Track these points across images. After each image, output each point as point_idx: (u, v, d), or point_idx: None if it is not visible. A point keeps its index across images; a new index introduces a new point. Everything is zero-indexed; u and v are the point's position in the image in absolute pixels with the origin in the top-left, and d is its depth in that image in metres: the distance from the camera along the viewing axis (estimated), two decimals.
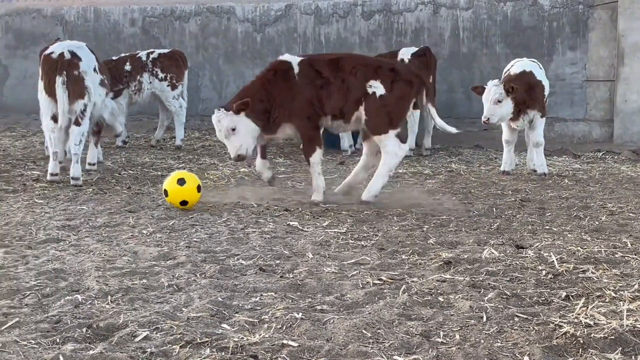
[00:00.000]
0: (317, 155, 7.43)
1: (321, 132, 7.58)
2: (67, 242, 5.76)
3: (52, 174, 8.28)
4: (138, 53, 12.15)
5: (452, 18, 13.28)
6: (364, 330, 3.80)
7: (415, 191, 8.14)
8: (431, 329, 3.87)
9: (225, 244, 5.72)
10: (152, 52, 12.05)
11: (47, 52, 8.34)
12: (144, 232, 6.12)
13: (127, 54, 12.27)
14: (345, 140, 11.51)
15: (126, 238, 5.90)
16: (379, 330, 3.82)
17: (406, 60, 11.45)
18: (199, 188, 7.10)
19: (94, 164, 9.23)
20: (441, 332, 3.83)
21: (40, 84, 8.35)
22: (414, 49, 11.65)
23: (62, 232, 6.05)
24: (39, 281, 4.62)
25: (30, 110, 13.98)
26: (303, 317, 3.98)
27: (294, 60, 7.47)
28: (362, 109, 7.37)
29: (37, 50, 13.68)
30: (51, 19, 16.09)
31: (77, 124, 8.13)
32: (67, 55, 8.12)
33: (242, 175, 9.15)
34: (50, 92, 8.13)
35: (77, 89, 8.12)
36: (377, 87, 7.33)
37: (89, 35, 15.62)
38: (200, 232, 6.15)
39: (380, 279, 4.76)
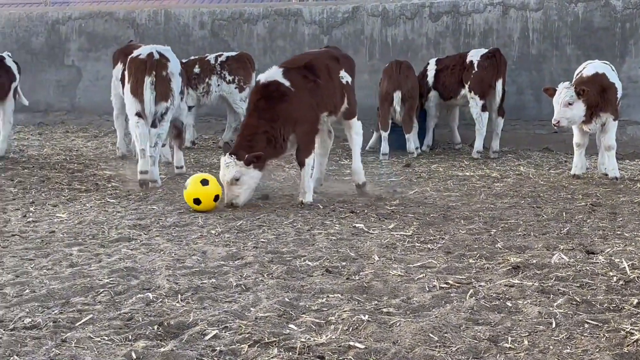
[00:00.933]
0: (311, 158, 7.55)
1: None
2: (139, 241, 5.89)
3: (142, 172, 8.21)
4: (207, 56, 12.34)
5: (522, 19, 13.09)
6: (430, 334, 3.79)
7: (483, 194, 8.06)
8: (499, 334, 3.84)
9: (291, 245, 5.77)
10: (220, 55, 12.22)
11: (134, 54, 8.43)
12: (213, 232, 6.22)
13: (197, 57, 12.48)
14: (412, 143, 11.47)
15: (195, 238, 6.00)
16: (445, 334, 3.81)
17: (475, 62, 11.37)
18: (216, 197, 7.15)
19: (181, 167, 9.36)
20: (509, 338, 3.80)
21: (127, 86, 8.44)
22: (484, 51, 11.55)
23: (134, 231, 6.19)
24: (111, 279, 4.73)
25: (103, 111, 14.35)
26: (369, 319, 4.00)
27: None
28: None
29: (109, 52, 14.03)
30: (123, 21, 16.43)
31: (154, 125, 8.23)
32: (156, 56, 8.24)
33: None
34: (137, 92, 8.19)
35: (163, 91, 8.22)
36: None
37: (160, 38, 15.89)
38: (267, 232, 6.22)
39: (447, 283, 4.75)
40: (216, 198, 7.12)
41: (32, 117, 16.25)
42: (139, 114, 8.23)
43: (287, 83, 7.34)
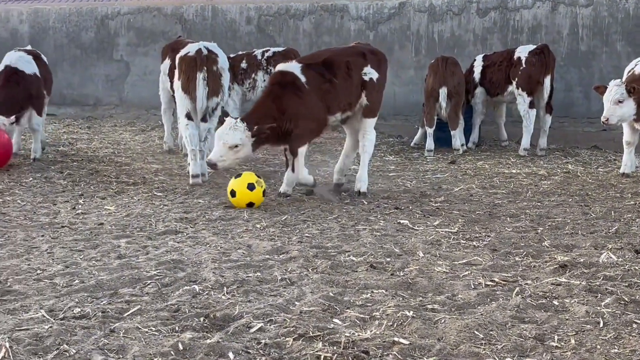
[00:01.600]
0: (305, 147, 7.49)
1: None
2: (185, 234, 5.95)
3: (193, 176, 8.20)
4: (254, 51, 12.40)
5: (571, 15, 12.91)
6: (476, 332, 3.77)
7: (530, 192, 7.97)
8: (545, 333, 3.81)
9: (336, 240, 5.78)
10: (267, 51, 12.27)
11: (183, 53, 8.51)
12: (258, 226, 6.26)
13: (244, 52, 12.55)
14: (457, 139, 11.39)
15: (241, 232, 6.05)
16: (491, 332, 3.79)
17: (523, 59, 11.24)
18: (264, 193, 7.15)
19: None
20: (556, 336, 3.76)
21: (178, 84, 8.51)
22: (532, 47, 11.41)
23: (180, 225, 6.26)
24: (158, 271, 4.80)
25: (150, 105, 14.52)
26: (414, 315, 3.99)
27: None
28: None
29: (157, 47, 14.18)
30: (171, 17, 16.59)
31: (205, 120, 8.28)
32: (205, 52, 8.30)
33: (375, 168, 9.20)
34: (188, 89, 8.26)
35: (214, 86, 8.27)
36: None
37: (207, 33, 16.02)
38: (311, 227, 6.24)
39: (492, 281, 4.71)
40: (264, 193, 7.13)
41: (81, 111, 16.53)
42: (188, 116, 8.30)
43: (303, 79, 7.27)
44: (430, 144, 11.23)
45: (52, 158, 10.06)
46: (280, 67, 7.52)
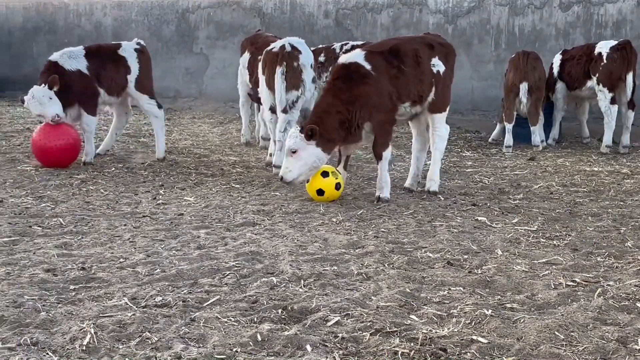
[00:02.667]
0: (388, 151, 7.24)
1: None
2: (262, 226, 6.01)
3: (276, 166, 8.18)
4: (332, 45, 12.41)
5: None
6: (556, 332, 3.71)
7: (612, 191, 7.78)
8: (628, 336, 3.72)
9: (412, 236, 5.75)
10: (345, 44, 12.26)
11: (269, 48, 8.65)
12: (334, 220, 6.27)
13: (322, 46, 12.57)
14: (537, 135, 11.20)
15: (317, 225, 6.07)
16: (572, 333, 3.72)
17: (604, 54, 10.98)
18: (337, 186, 7.07)
19: None
20: (639, 339, 3.66)
21: (263, 79, 8.62)
22: (613, 42, 11.13)
23: (257, 217, 6.33)
24: (237, 262, 4.86)
25: (228, 98, 14.73)
26: (492, 314, 3.95)
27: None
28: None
29: (236, 41, 14.36)
30: (250, 10, 16.75)
31: (285, 111, 8.34)
32: (288, 48, 8.37)
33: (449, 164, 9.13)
34: (270, 84, 8.36)
35: (294, 81, 8.30)
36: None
37: (285, 27, 16.12)
38: (387, 222, 6.22)
39: (573, 281, 4.63)
40: (337, 186, 7.11)
41: (162, 103, 16.81)
42: (272, 109, 8.40)
43: (367, 66, 6.99)
44: (509, 139, 11.06)
45: (133, 149, 10.29)
46: (342, 58, 7.29)
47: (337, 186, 7.06)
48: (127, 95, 9.72)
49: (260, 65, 8.84)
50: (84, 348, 3.34)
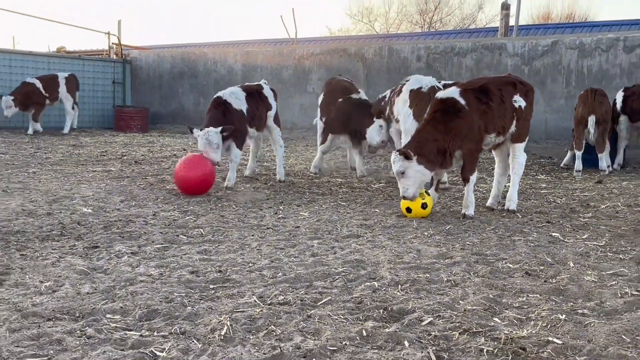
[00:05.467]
0: (474, 175, 7.11)
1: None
2: (365, 238, 6.01)
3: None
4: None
5: None
6: (623, 336, 3.56)
7: None
8: None
9: (494, 249, 5.64)
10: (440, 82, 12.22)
11: (415, 87, 8.81)
12: (425, 233, 6.22)
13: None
14: (604, 161, 10.84)
15: (411, 238, 6.03)
16: (638, 337, 3.56)
17: None
18: (423, 205, 6.98)
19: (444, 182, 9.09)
20: None
21: (410, 111, 8.68)
22: None
23: (361, 230, 6.34)
24: (344, 268, 4.88)
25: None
26: (566, 318, 3.82)
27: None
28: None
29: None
30: (354, 56, 16.89)
31: None
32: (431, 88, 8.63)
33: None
34: (419, 118, 8.23)
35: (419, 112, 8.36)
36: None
37: (383, 70, 16.16)
38: (472, 236, 6.13)
39: (638, 290, 4.42)
40: (424, 206, 7.01)
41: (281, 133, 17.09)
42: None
43: (462, 102, 6.93)
44: (579, 165, 10.76)
45: (259, 172, 10.49)
46: (440, 94, 7.20)
47: (424, 205, 6.99)
48: (265, 128, 9.74)
49: (408, 102, 8.79)
50: (222, 337, 3.42)
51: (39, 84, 16.78)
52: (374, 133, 9.82)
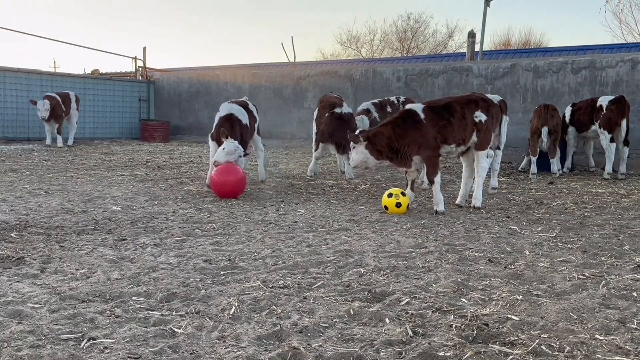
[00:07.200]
0: (438, 176, 7.07)
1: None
2: (353, 231, 5.99)
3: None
4: (391, 98, 12.39)
5: None
6: (570, 313, 3.56)
7: (613, 207, 7.43)
8: (626, 317, 3.53)
9: (462, 240, 5.64)
10: (399, 97, 12.31)
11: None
12: (404, 227, 6.21)
13: (386, 99, 12.52)
14: (555, 165, 10.87)
15: (392, 231, 6.02)
16: (583, 314, 3.56)
17: (604, 106, 10.64)
18: (397, 204, 6.95)
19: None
20: (635, 320, 3.47)
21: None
22: (611, 97, 10.76)
23: (349, 224, 6.32)
24: (335, 257, 4.86)
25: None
26: (522, 298, 3.82)
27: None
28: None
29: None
30: (344, 77, 16.88)
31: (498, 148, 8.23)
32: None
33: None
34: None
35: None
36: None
37: (369, 89, 16.16)
38: (444, 229, 6.12)
39: (583, 275, 4.43)
40: (397, 205, 6.94)
41: (282, 143, 17.12)
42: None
43: (422, 115, 6.97)
44: (534, 168, 10.80)
45: (267, 176, 10.46)
46: (408, 106, 7.29)
47: (398, 205, 6.95)
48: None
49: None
50: (231, 316, 3.41)
51: (58, 98, 15.67)
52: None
